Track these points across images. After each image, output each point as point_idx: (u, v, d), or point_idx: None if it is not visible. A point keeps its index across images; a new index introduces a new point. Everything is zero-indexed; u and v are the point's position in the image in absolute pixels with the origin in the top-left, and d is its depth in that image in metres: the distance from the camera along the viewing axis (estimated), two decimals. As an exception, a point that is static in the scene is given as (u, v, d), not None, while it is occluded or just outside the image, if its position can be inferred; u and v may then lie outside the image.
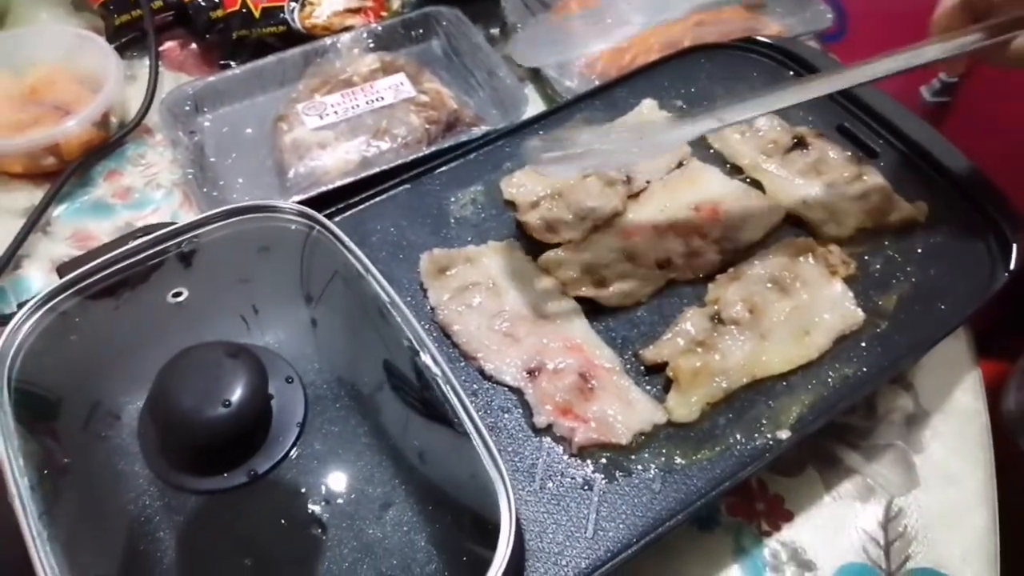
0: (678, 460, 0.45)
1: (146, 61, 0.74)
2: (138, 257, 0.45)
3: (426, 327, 0.46)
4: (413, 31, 0.75)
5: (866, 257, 0.53)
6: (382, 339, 0.43)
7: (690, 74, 0.62)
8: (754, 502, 0.52)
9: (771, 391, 0.47)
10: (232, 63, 0.74)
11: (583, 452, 0.45)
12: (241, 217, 0.47)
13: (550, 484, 0.44)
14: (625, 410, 0.45)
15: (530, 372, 0.47)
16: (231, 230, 0.47)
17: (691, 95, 0.61)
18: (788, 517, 0.51)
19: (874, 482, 0.52)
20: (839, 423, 0.54)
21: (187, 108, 0.69)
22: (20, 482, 0.36)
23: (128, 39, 0.76)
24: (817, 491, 0.52)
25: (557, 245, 0.52)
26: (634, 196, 0.55)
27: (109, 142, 0.70)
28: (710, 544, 0.50)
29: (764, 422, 0.46)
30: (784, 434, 0.45)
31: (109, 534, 0.37)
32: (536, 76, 0.73)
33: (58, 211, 0.67)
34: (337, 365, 0.43)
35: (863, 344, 0.49)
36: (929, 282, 0.51)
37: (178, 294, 0.43)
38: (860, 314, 0.49)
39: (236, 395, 0.36)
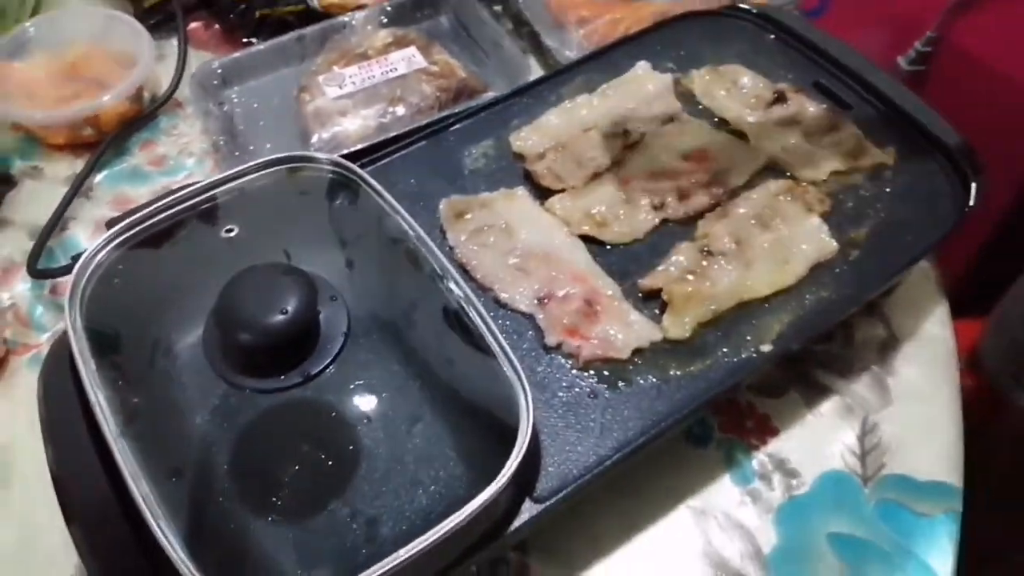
0: (673, 372, 0.50)
1: (173, 41, 0.80)
2: (187, 204, 0.50)
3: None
4: (423, 8, 0.81)
5: (840, 196, 0.58)
6: (410, 269, 0.49)
7: (681, 39, 0.68)
8: (743, 420, 0.57)
9: (755, 312, 0.53)
10: (255, 40, 0.79)
11: (588, 366, 0.50)
12: (278, 168, 0.53)
13: (561, 394, 0.49)
14: (625, 329, 0.51)
15: (540, 300, 0.52)
16: (270, 179, 0.52)
17: (680, 58, 0.66)
18: (774, 433, 0.57)
19: (852, 401, 0.58)
20: (819, 351, 0.60)
21: (215, 82, 0.75)
22: (99, 396, 0.41)
23: (156, 21, 0.82)
24: (800, 410, 0.58)
25: (562, 191, 0.58)
26: (629, 147, 0.60)
27: (143, 114, 0.75)
28: (704, 457, 0.55)
29: (749, 338, 0.51)
30: (767, 347, 0.51)
31: (181, 433, 0.43)
32: (538, 47, 0.79)
33: (99, 178, 0.72)
34: (372, 291, 0.49)
35: (837, 271, 0.54)
36: (897, 217, 0.57)
37: (230, 230, 0.49)
38: (834, 244, 0.55)
39: (291, 305, 0.42)
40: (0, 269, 0.66)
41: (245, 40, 0.80)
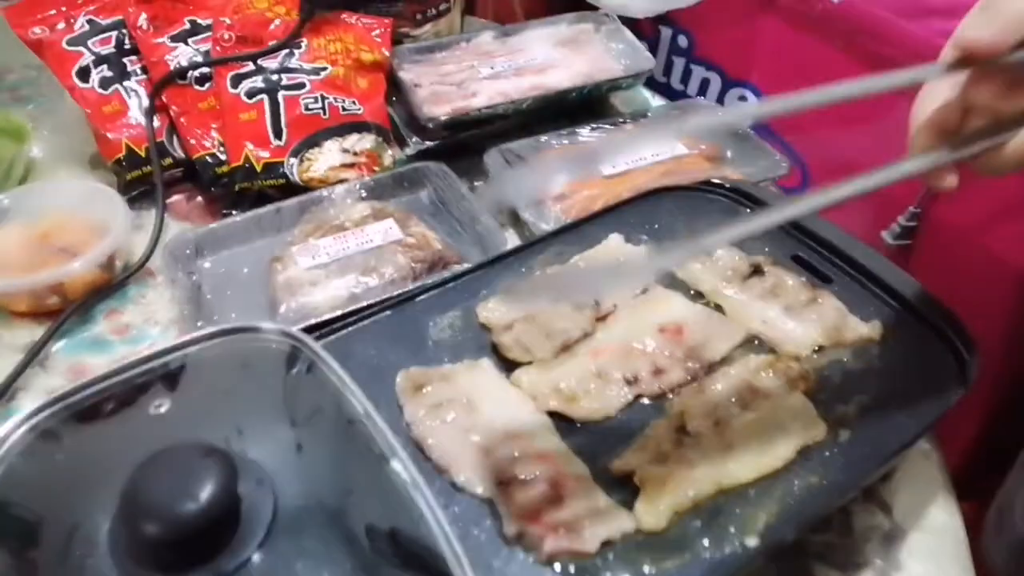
0: (647, 568, 0.45)
1: (154, 212, 0.80)
2: (123, 376, 0.47)
3: (401, 442, 0.47)
4: (403, 183, 0.81)
5: (825, 372, 0.55)
6: (356, 449, 0.45)
7: (654, 212, 0.67)
8: (732, 623, 0.51)
9: (739, 499, 0.48)
10: (234, 213, 0.79)
11: (552, 560, 0.45)
12: (224, 338, 0.50)
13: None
14: (594, 518, 0.46)
15: (501, 483, 0.48)
16: (215, 351, 0.49)
17: (655, 231, 0.65)
18: (766, 640, 0.51)
19: (854, 603, 0.52)
20: (816, 541, 0.55)
21: (188, 252, 0.74)
22: None
23: (138, 192, 0.82)
24: (797, 612, 0.52)
25: (530, 363, 0.55)
26: (602, 318, 0.58)
27: (112, 283, 0.74)
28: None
29: (732, 530, 0.46)
30: (752, 541, 0.46)
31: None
32: (516, 221, 0.78)
33: (57, 347, 0.70)
34: (311, 474, 0.44)
35: (827, 454, 0.50)
36: (888, 395, 0.53)
37: (159, 405, 0.45)
38: (823, 425, 0.51)
39: (203, 491, 0.37)
40: (-62, 440, 0.62)
41: (225, 212, 0.80)
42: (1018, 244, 0.87)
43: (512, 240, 0.76)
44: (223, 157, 0.81)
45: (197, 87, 0.85)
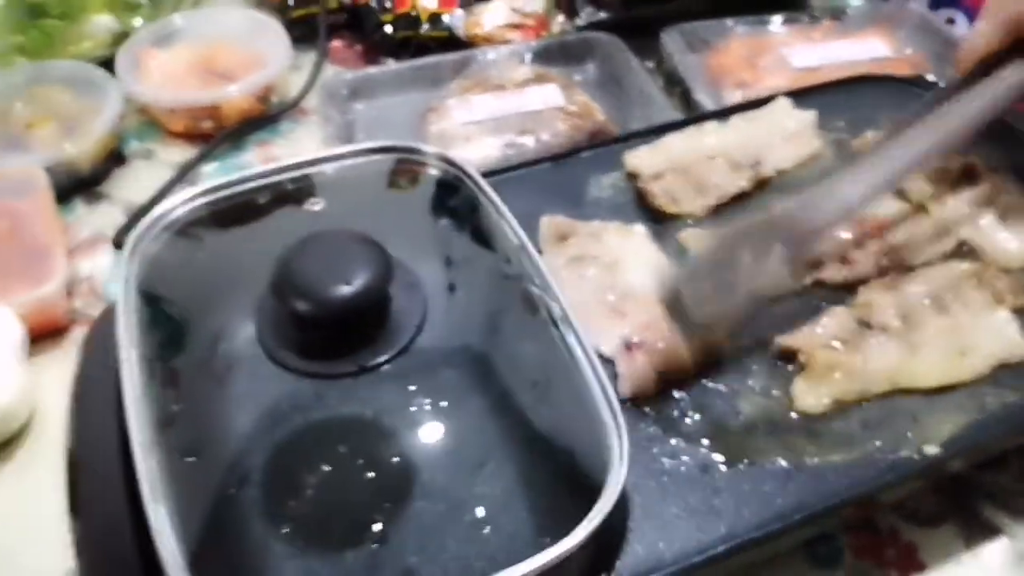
0: (809, 458, 0.40)
1: (313, 55, 0.78)
2: (274, 179, 0.46)
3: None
4: (572, 52, 0.76)
5: (1040, 289, 0.48)
6: (508, 277, 0.42)
7: (855, 100, 0.60)
8: (883, 547, 0.46)
9: (919, 405, 0.43)
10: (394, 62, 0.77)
11: (686, 425, 0.42)
12: (385, 155, 0.47)
13: (663, 461, 0.40)
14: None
15: (627, 346, 0.44)
16: (371, 168, 0.47)
17: (853, 120, 0.58)
18: (920, 568, 0.45)
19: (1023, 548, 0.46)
20: (987, 480, 0.48)
21: (344, 92, 0.72)
22: (133, 383, 0.35)
23: (301, 34, 0.80)
24: (956, 547, 0.46)
25: (676, 216, 0.51)
26: (763, 182, 0.53)
27: (267, 115, 0.73)
28: (829, 582, 0.44)
29: (909, 435, 0.41)
30: (933, 449, 0.40)
31: (213, 422, 0.36)
32: (688, 106, 0.72)
33: (207, 169, 0.70)
34: (460, 291, 0.41)
35: (1028, 374, 0.44)
36: (1109, 322, 0.46)
37: (315, 203, 0.43)
38: (1025, 345, 0.44)
39: (356, 277, 0.35)
40: (89, 241, 0.63)
41: (382, 60, 0.78)
42: None
43: (679, 120, 0.71)
44: (388, 5, 0.78)
45: (371, -70, 0.82)
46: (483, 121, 0.68)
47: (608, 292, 0.47)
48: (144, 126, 0.73)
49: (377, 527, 0.33)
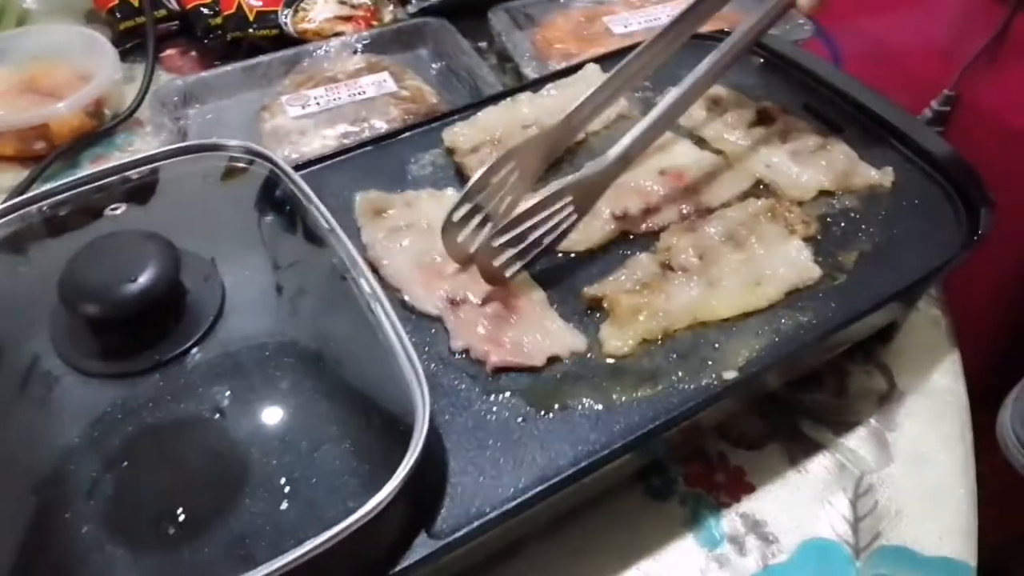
0: (616, 396, 0.42)
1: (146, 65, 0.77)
2: (84, 188, 0.46)
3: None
4: (403, 38, 0.77)
5: (828, 219, 0.51)
6: (317, 261, 0.43)
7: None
8: (713, 473, 0.49)
9: (718, 335, 0.45)
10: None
11: (498, 372, 0.43)
12: (190, 156, 0.48)
13: (481, 414, 0.42)
14: (543, 336, 0.44)
15: (452, 302, 0.46)
16: (181, 168, 0.47)
17: (658, 77, 0.61)
18: (749, 490, 0.48)
19: (844, 459, 0.50)
20: (806, 400, 0.52)
21: (176, 99, 0.71)
22: None
23: (132, 45, 0.79)
24: (781, 465, 0.49)
25: None
26: (573, 147, 0.56)
27: (100, 130, 0.72)
28: (665, 513, 0.47)
29: (710, 363, 0.44)
30: (730, 374, 0.43)
31: (23, 428, 0.36)
32: (518, 78, 0.74)
33: (41, 190, 0.68)
34: (265, 279, 0.42)
35: (820, 295, 0.47)
36: (892, 242, 0.50)
37: (116, 208, 0.43)
38: (816, 269, 0.48)
39: (144, 272, 0.35)
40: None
41: (216, 64, 0.77)
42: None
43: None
44: (217, 9, 0.78)
45: (192, -65, 0.81)
46: (316, 114, 0.69)
47: (427, 255, 0.48)
48: (-30, 153, 0.71)
49: (198, 517, 0.33)
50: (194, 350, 0.37)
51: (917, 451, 0.50)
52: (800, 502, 0.48)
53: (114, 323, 0.36)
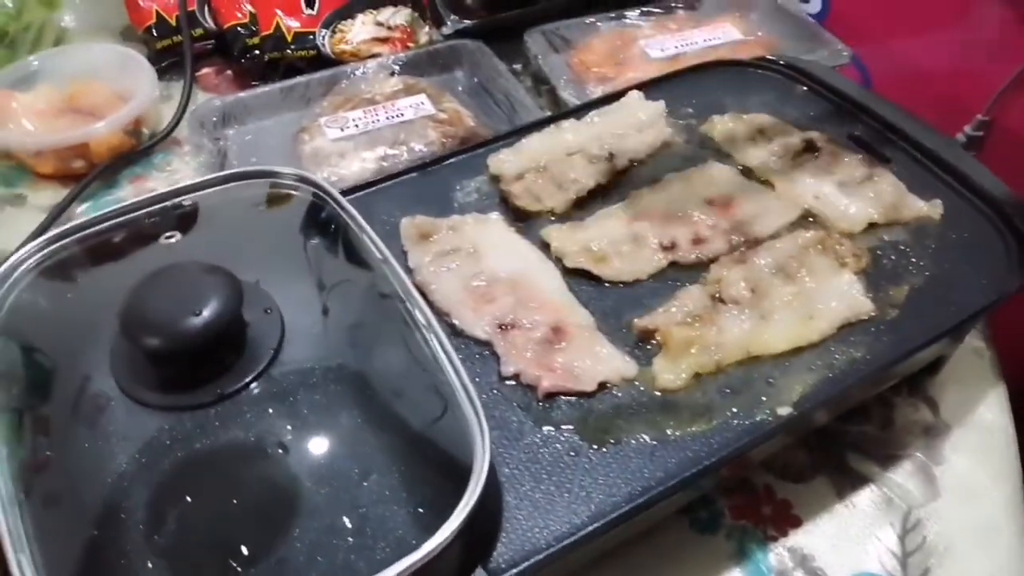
0: (670, 431, 0.42)
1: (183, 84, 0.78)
2: (134, 214, 0.46)
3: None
4: (439, 61, 0.78)
5: (878, 252, 0.51)
6: (371, 291, 0.43)
7: (702, 86, 0.63)
8: (760, 506, 0.49)
9: (771, 370, 0.45)
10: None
11: (555, 413, 0.43)
12: (242, 182, 0.48)
13: (535, 449, 0.42)
14: (593, 361, 0.44)
15: (502, 327, 0.46)
16: (232, 193, 0.47)
17: (701, 104, 0.61)
18: (796, 523, 0.48)
19: (891, 492, 0.49)
20: (853, 432, 0.52)
21: (214, 119, 0.71)
22: None
23: (168, 64, 0.80)
24: (828, 499, 0.49)
25: (539, 214, 0.53)
26: (621, 173, 0.56)
27: (138, 149, 0.72)
28: (711, 547, 0.47)
29: (764, 399, 0.43)
30: (785, 410, 0.43)
31: (80, 457, 0.36)
32: (555, 102, 0.74)
33: (81, 209, 0.69)
34: (321, 309, 0.42)
35: (872, 330, 0.47)
36: (943, 276, 0.49)
37: (170, 237, 0.43)
38: (868, 303, 0.47)
39: (207, 306, 0.35)
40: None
41: (253, 85, 0.78)
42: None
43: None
44: (255, 29, 0.78)
45: (230, -45, 0.82)
46: (355, 136, 0.69)
47: (475, 279, 0.49)
48: (11, 171, 0.72)
49: (255, 552, 0.33)
50: (255, 383, 0.36)
51: (965, 486, 0.50)
52: (848, 536, 0.47)
53: (176, 356, 0.36)
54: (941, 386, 0.54)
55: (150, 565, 0.33)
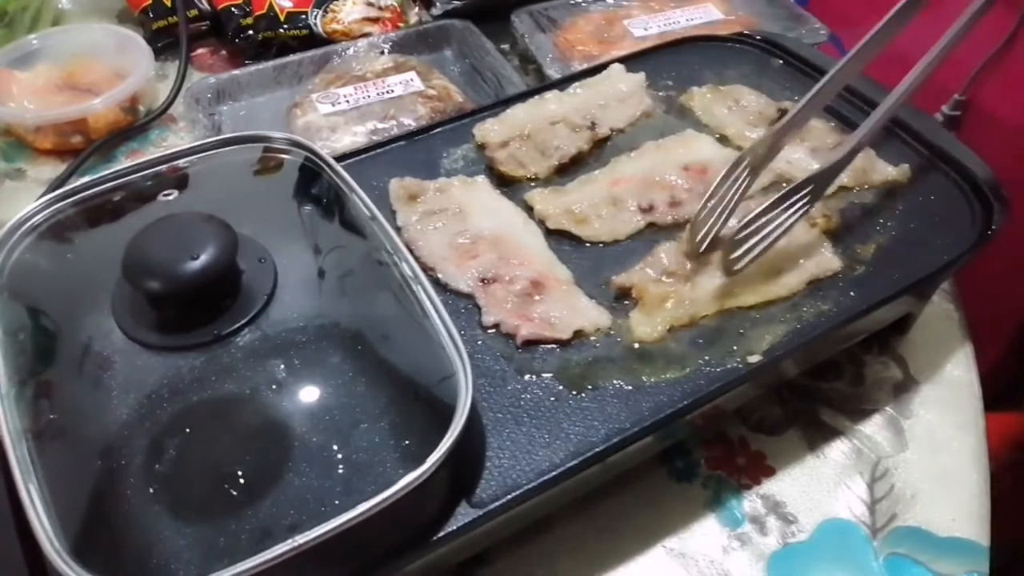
0: (646, 378, 0.44)
1: (179, 63, 0.80)
2: (131, 177, 0.48)
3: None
4: (428, 40, 0.80)
5: (848, 213, 0.53)
6: (361, 246, 0.45)
7: (681, 61, 0.65)
8: (734, 456, 0.51)
9: (743, 322, 0.47)
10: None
11: (536, 363, 0.45)
12: (235, 147, 0.50)
13: (517, 394, 0.44)
14: (569, 312, 0.47)
15: (484, 280, 0.48)
16: (226, 158, 0.49)
17: (680, 77, 0.63)
18: (770, 472, 0.50)
19: (860, 444, 0.51)
20: (825, 388, 0.54)
21: (209, 96, 0.73)
22: None
23: (164, 44, 0.82)
24: (800, 450, 0.51)
25: (522, 180, 0.55)
26: (601, 141, 0.58)
27: (135, 125, 0.74)
28: (688, 494, 0.49)
29: (735, 348, 0.46)
30: (755, 358, 0.45)
31: (84, 395, 0.38)
32: (541, 79, 0.76)
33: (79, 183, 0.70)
34: (312, 261, 0.44)
35: (840, 285, 0.49)
36: (908, 236, 0.51)
37: (168, 194, 0.45)
38: (837, 262, 0.49)
39: (204, 252, 0.37)
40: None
41: (247, 63, 0.79)
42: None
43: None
44: (248, 9, 0.80)
45: (224, -64, 0.84)
46: (347, 111, 0.71)
47: (460, 237, 0.51)
48: (10, 146, 0.74)
49: (250, 479, 0.35)
50: (249, 326, 0.38)
51: (931, 438, 0.52)
52: (819, 485, 0.49)
53: (175, 299, 0.38)
54: (911, 345, 0.56)
55: (151, 497, 0.35)
